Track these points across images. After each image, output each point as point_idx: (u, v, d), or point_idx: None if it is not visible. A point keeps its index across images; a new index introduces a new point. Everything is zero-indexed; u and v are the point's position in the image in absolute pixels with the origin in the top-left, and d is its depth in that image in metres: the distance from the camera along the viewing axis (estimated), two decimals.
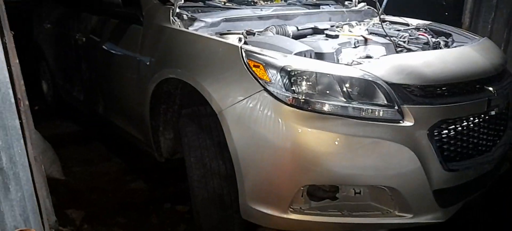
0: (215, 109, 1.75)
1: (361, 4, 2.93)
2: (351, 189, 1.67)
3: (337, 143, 1.59)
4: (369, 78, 1.62)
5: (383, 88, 1.60)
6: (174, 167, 2.51)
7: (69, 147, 3.19)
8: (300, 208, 1.67)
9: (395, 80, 1.63)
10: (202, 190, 1.88)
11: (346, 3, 2.98)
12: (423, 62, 1.76)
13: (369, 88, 1.62)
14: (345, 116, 1.58)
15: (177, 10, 2.14)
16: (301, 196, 1.66)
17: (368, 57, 1.93)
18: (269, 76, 1.64)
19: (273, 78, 1.63)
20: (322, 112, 1.59)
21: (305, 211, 1.68)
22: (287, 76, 1.62)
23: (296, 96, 1.60)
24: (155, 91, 2.14)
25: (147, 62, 2.22)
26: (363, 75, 1.62)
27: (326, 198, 1.68)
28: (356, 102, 1.60)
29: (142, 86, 2.23)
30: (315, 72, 1.62)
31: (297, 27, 2.24)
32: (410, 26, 2.54)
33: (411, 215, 1.67)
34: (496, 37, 3.08)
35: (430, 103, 1.65)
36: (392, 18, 2.76)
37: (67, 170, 2.76)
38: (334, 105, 1.59)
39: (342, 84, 1.61)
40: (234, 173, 1.73)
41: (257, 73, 1.67)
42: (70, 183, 2.64)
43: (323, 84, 1.62)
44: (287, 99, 1.60)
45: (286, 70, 1.62)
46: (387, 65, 1.69)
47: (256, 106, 1.64)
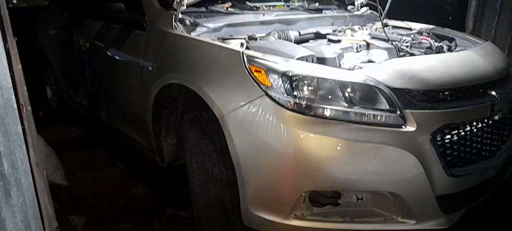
0: (217, 115, 1.75)
1: (364, 9, 2.93)
2: (353, 195, 1.66)
3: (339, 148, 1.58)
4: (371, 83, 1.61)
5: (385, 93, 1.60)
6: (177, 171, 2.51)
7: (73, 152, 3.20)
8: (302, 214, 1.67)
9: (397, 85, 1.62)
10: (204, 195, 1.88)
11: (349, 8, 2.98)
12: (425, 67, 1.75)
13: (371, 93, 1.61)
14: (347, 120, 1.57)
15: (180, 16, 2.15)
16: (303, 202, 1.65)
17: (370, 62, 1.92)
18: (271, 81, 1.64)
19: (275, 83, 1.63)
20: (324, 117, 1.58)
21: (307, 217, 1.67)
22: (289, 81, 1.62)
23: (298, 101, 1.59)
24: (158, 97, 2.15)
25: (150, 68, 2.23)
26: (365, 80, 1.62)
27: (328, 204, 1.67)
28: (358, 107, 1.59)
29: (145, 92, 2.23)
30: (317, 77, 1.62)
31: (299, 32, 2.24)
32: (413, 31, 2.53)
33: (414, 221, 1.65)
34: (500, 41, 3.06)
35: (433, 108, 1.64)
36: (395, 23, 2.76)
37: (71, 175, 2.77)
38: (336, 110, 1.58)
39: (344, 89, 1.61)
40: (236, 178, 1.73)
41: (259, 79, 1.67)
42: (73, 188, 2.65)
43: (325, 89, 1.62)
44: (289, 105, 1.60)
45: (288, 75, 1.62)
46: (389, 70, 1.69)
47: (258, 112, 1.64)
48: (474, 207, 1.88)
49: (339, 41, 2.12)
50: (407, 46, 2.16)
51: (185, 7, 2.16)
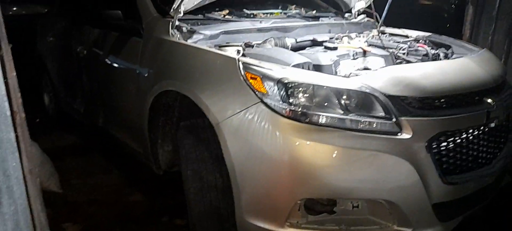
0: (212, 122, 1.75)
1: (361, 16, 2.94)
2: (349, 202, 1.65)
3: (335, 155, 1.57)
4: (367, 90, 1.60)
5: (381, 101, 1.59)
6: (174, 178, 2.50)
7: (69, 159, 3.18)
8: (297, 222, 1.65)
9: (393, 92, 1.62)
10: (199, 203, 1.87)
11: (346, 15, 2.99)
12: (421, 74, 1.75)
13: (367, 101, 1.61)
14: (343, 128, 1.57)
15: (177, 23, 2.15)
16: (298, 209, 1.64)
17: (366, 69, 1.92)
18: (266, 89, 1.63)
19: (270, 91, 1.63)
20: (320, 125, 1.57)
21: (303, 225, 1.65)
22: (284, 88, 1.61)
23: (293, 109, 1.59)
24: (154, 104, 2.14)
25: (146, 74, 2.23)
26: (361, 87, 1.61)
27: (324, 212, 1.66)
28: (354, 115, 1.58)
29: (141, 98, 2.23)
30: (312, 84, 1.61)
31: (296, 39, 2.24)
32: (410, 38, 2.54)
33: (410, 229, 1.64)
34: (497, 49, 3.07)
35: (429, 115, 1.63)
36: (392, 30, 2.76)
37: (66, 182, 2.75)
38: (332, 118, 1.57)
39: (340, 97, 1.60)
40: (231, 186, 1.72)
41: (254, 86, 1.66)
42: (68, 196, 2.63)
43: (320, 97, 1.61)
44: (284, 112, 1.59)
45: (283, 82, 1.62)
46: (385, 77, 1.68)
47: (253, 119, 1.64)
48: (471, 215, 1.87)
49: (336, 49, 2.12)
50: (404, 54, 2.16)
51: (182, 15, 2.16)
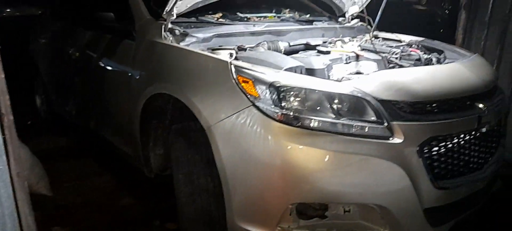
0: (204, 125, 1.74)
1: (355, 21, 2.95)
2: (341, 207, 1.64)
3: (326, 159, 1.56)
4: (358, 95, 1.60)
5: (373, 105, 1.59)
6: (166, 182, 2.48)
7: (61, 161, 3.15)
8: (289, 226, 1.64)
9: (385, 97, 1.62)
10: (190, 207, 1.85)
11: (340, 20, 3.00)
12: (413, 79, 1.76)
13: (359, 105, 1.61)
14: (334, 132, 1.56)
15: (169, 26, 2.14)
16: (290, 214, 1.63)
17: (359, 73, 1.92)
18: (258, 92, 1.63)
19: (262, 94, 1.62)
20: (311, 129, 1.57)
21: (294, 229, 1.64)
22: (276, 92, 1.61)
23: (285, 112, 1.58)
24: (146, 106, 2.13)
25: (138, 77, 2.21)
26: (352, 92, 1.61)
27: (315, 216, 1.65)
28: (346, 119, 1.58)
29: (133, 101, 2.21)
30: (304, 88, 1.61)
31: (289, 43, 2.24)
32: (403, 42, 2.54)
33: None
34: (489, 54, 3.09)
35: (420, 120, 1.63)
36: (385, 35, 2.77)
37: (57, 185, 2.72)
38: (323, 122, 1.57)
39: (331, 101, 1.60)
40: (222, 190, 1.70)
41: (246, 89, 1.66)
42: (59, 199, 2.59)
43: (312, 101, 1.61)
44: (276, 115, 1.58)
45: (275, 86, 1.61)
46: (377, 81, 1.69)
47: (245, 122, 1.63)
48: (463, 220, 1.87)
49: (329, 53, 2.12)
50: (397, 58, 2.16)
51: (175, 17, 2.16)
